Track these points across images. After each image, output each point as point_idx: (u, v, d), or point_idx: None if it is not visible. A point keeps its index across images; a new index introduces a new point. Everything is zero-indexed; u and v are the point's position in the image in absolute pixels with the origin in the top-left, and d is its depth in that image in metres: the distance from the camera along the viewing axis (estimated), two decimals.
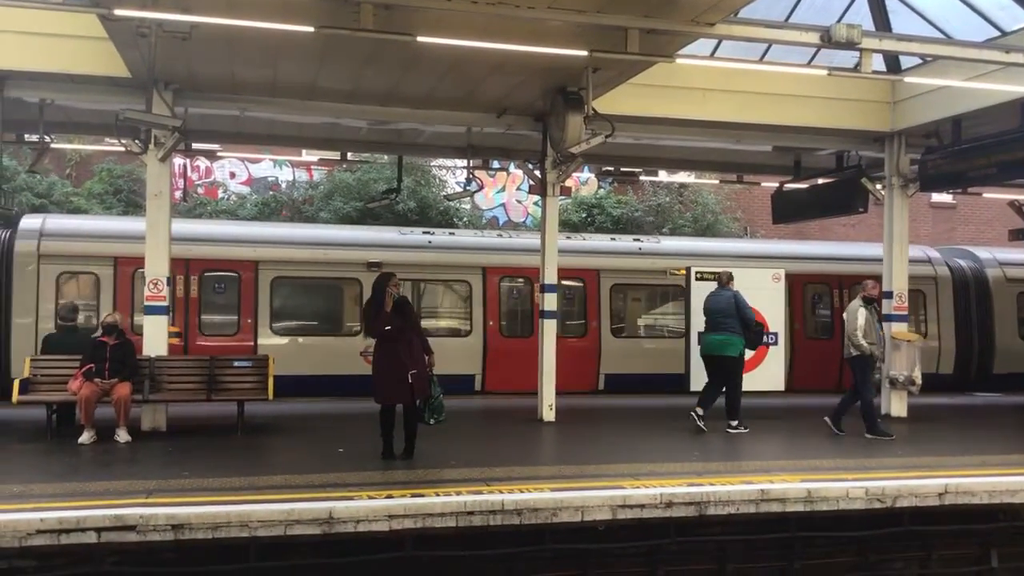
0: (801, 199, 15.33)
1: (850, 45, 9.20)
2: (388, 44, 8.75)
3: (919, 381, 12.69)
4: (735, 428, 11.31)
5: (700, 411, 11.26)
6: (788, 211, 15.65)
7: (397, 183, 16.56)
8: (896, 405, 12.90)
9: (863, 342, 10.90)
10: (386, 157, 19.15)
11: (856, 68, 9.99)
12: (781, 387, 12.77)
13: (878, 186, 13.33)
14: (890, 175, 13.02)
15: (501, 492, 7.35)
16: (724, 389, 11.41)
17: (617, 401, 14.43)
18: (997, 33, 11.04)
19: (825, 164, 14.59)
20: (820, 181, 14.90)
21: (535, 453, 10.17)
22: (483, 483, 7.67)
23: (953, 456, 9.84)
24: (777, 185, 16.01)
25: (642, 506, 7.59)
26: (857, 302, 11.16)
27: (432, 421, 8.95)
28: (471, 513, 7.04)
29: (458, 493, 7.28)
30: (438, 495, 7.20)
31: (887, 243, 13.18)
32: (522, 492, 7.39)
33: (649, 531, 7.66)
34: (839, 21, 9.39)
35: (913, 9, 11.58)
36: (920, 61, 11.75)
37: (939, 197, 24.09)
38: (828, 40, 9.12)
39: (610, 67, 9.90)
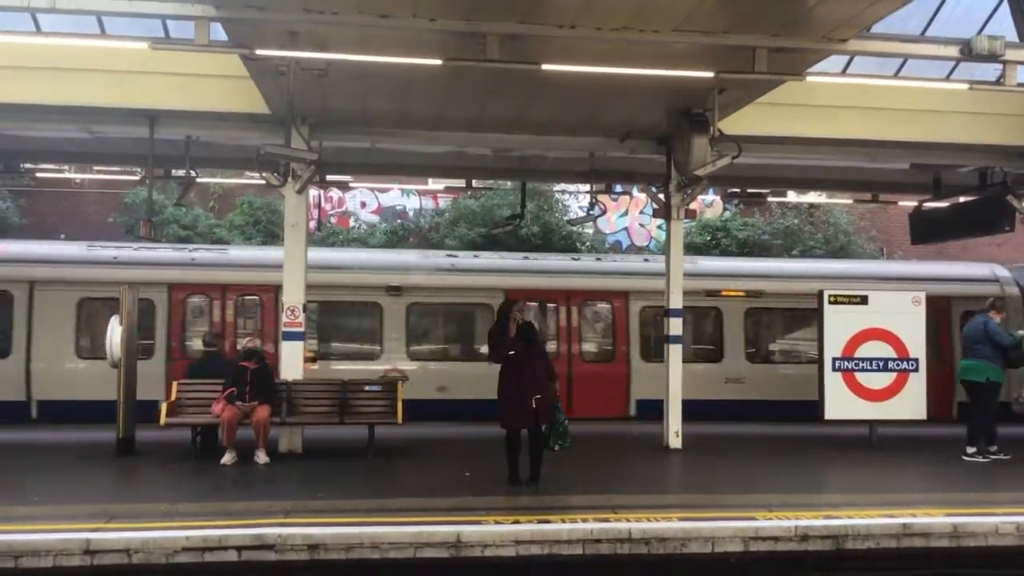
0: (941, 218, 14.64)
1: (992, 57, 8.79)
2: (513, 73, 8.88)
3: None
4: (971, 456, 11.08)
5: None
6: (927, 231, 14.96)
7: (521, 208, 16.73)
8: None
9: None
10: (510, 184, 19.39)
11: (999, 81, 9.53)
12: (923, 415, 12.11)
13: None
14: None
15: (628, 520, 7.28)
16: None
17: (745, 429, 14.04)
18: None
19: (967, 181, 13.88)
20: (962, 199, 14.21)
21: (662, 481, 10.03)
22: (610, 511, 7.61)
23: None
24: (916, 204, 15.34)
25: (776, 538, 7.37)
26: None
27: (556, 447, 8.96)
28: (598, 541, 6.99)
29: (584, 520, 7.24)
30: (564, 522, 7.19)
31: None
32: (649, 521, 7.30)
33: (783, 565, 7.41)
34: (980, 33, 8.96)
35: None
36: None
37: None
38: (969, 53, 8.74)
39: (737, 87, 9.74)
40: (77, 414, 12.99)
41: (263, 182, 11.64)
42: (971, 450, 11.17)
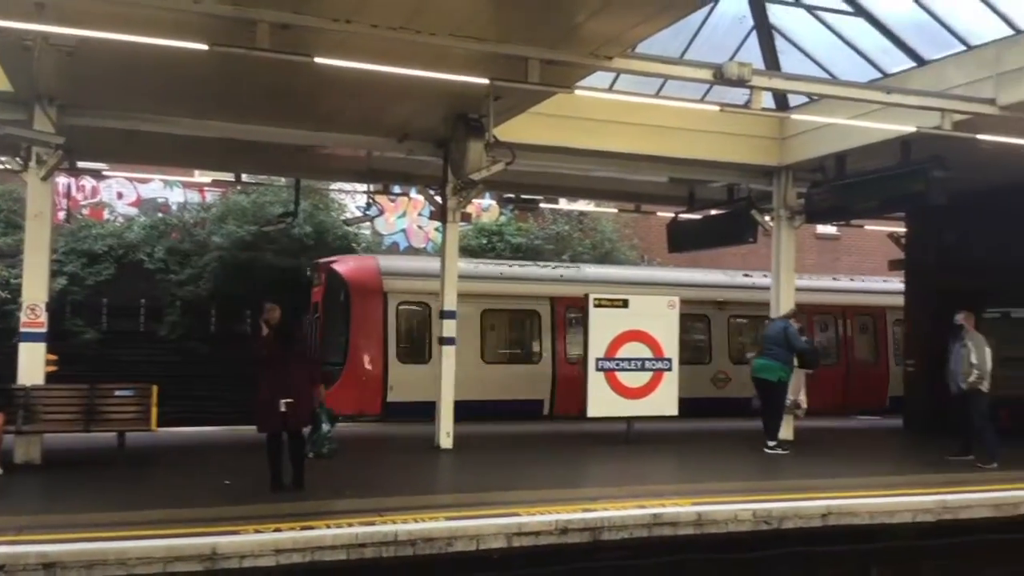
0: (695, 229, 15.73)
1: (741, 82, 9.51)
2: (285, 64, 8.59)
3: (805, 405, 13.14)
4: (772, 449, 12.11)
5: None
6: (683, 240, 16.04)
7: (294, 206, 16.25)
8: (784, 428, 13.26)
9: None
10: (283, 180, 18.79)
11: (747, 105, 10.38)
12: (675, 412, 12.99)
13: (767, 218, 13.78)
14: (778, 207, 13.50)
15: (395, 523, 7.21)
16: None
17: (517, 428, 14.43)
18: (879, 75, 11.61)
19: (718, 196, 15.03)
20: (713, 212, 15.34)
21: (431, 482, 10.04)
22: (376, 514, 7.51)
23: (837, 478, 10.16)
24: (673, 215, 16.40)
25: (537, 533, 7.57)
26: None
27: (312, 454, 8.68)
28: (363, 545, 6.87)
29: (350, 525, 7.10)
30: (328, 527, 7.01)
31: (775, 272, 13.64)
32: (416, 522, 7.28)
33: (545, 558, 7.64)
34: (731, 59, 9.70)
35: (801, 50, 12.10)
36: (807, 99, 12.26)
37: (823, 228, 25.11)
38: (721, 77, 9.41)
39: (511, 96, 9.94)
40: None
41: (1, 167, 10.58)
42: (771, 443, 12.27)
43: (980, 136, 10.24)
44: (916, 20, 10.67)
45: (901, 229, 17.56)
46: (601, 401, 12.49)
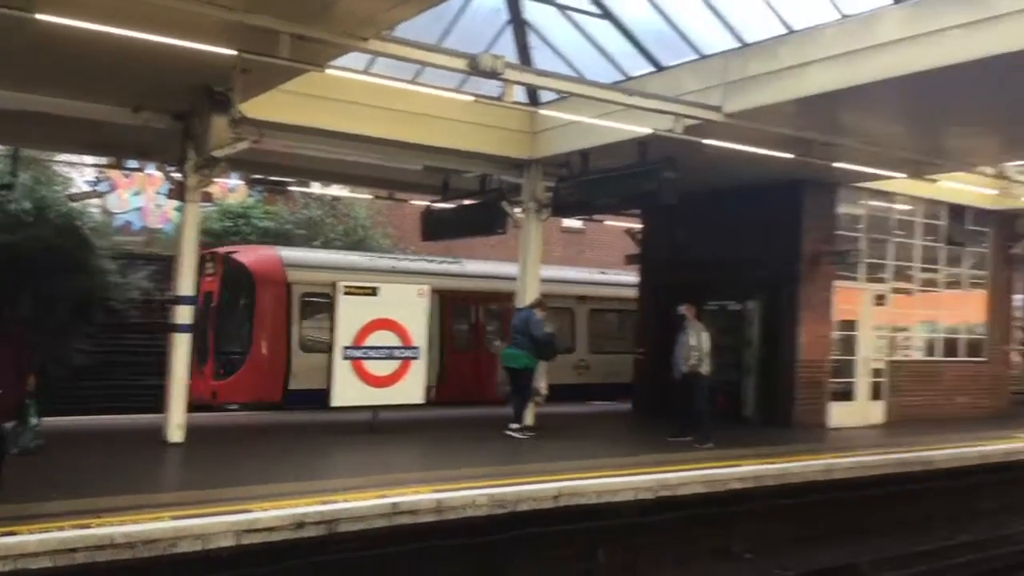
0: (448, 218, 15.86)
1: (494, 75, 9.66)
2: (2, 20, 7.66)
3: (544, 392, 13.68)
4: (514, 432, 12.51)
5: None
6: (436, 229, 16.12)
7: (11, 178, 14.62)
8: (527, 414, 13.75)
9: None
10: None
11: (500, 97, 10.56)
12: (421, 400, 13.07)
13: (517, 210, 14.15)
14: (527, 200, 13.89)
15: (112, 525, 6.65)
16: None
17: (257, 418, 13.91)
18: (622, 77, 12.22)
19: (471, 186, 15.22)
20: (466, 202, 15.54)
21: (158, 478, 9.37)
22: (93, 515, 6.88)
23: (571, 460, 10.65)
24: (427, 204, 16.45)
25: (271, 528, 7.29)
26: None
27: (17, 451, 7.74)
28: (73, 550, 6.28)
29: (60, 528, 6.46)
30: (33, 532, 6.34)
31: (522, 263, 14.05)
32: (137, 523, 6.75)
33: (280, 554, 7.38)
34: (487, 51, 9.81)
35: (552, 48, 12.47)
36: (557, 96, 12.68)
37: (569, 222, 26.26)
38: (475, 67, 9.50)
39: (260, 70, 9.48)
40: None
41: None
42: (514, 426, 12.66)
43: (706, 140, 11.07)
44: (656, 27, 11.31)
45: (639, 225, 18.72)
46: (347, 390, 12.27)
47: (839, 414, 15.29)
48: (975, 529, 11.32)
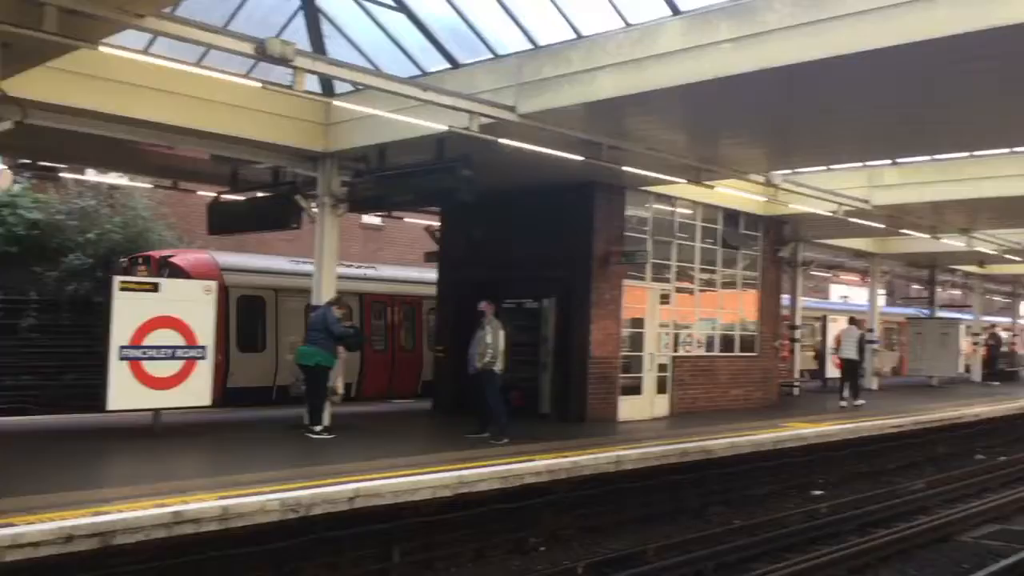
0: (238, 211, 15.20)
1: (284, 61, 9.26)
2: None
3: (341, 391, 13.40)
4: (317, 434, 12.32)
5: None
6: (225, 222, 15.41)
7: None
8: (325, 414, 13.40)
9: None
10: None
11: (290, 86, 10.17)
12: (208, 402, 12.42)
13: (312, 204, 13.74)
14: (322, 194, 13.50)
15: None
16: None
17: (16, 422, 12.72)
18: (419, 72, 12.13)
19: (263, 178, 14.63)
20: (259, 194, 14.93)
21: None
22: None
23: (370, 461, 10.46)
24: (215, 195, 15.67)
25: (36, 544, 6.65)
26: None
27: None
28: None
29: None
30: None
31: (317, 259, 13.65)
32: None
33: (47, 572, 6.73)
34: (277, 36, 9.42)
35: (347, 38, 12.19)
36: (353, 88, 12.41)
37: (368, 218, 25.95)
38: (263, 53, 9.07)
39: (23, 45, 8.62)
40: None
41: None
42: (317, 428, 12.35)
43: (502, 140, 11.18)
44: (452, 24, 11.31)
45: (438, 223, 18.72)
46: (125, 392, 11.44)
47: (628, 408, 15.95)
48: (748, 514, 12.10)
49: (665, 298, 17.09)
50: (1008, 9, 7.55)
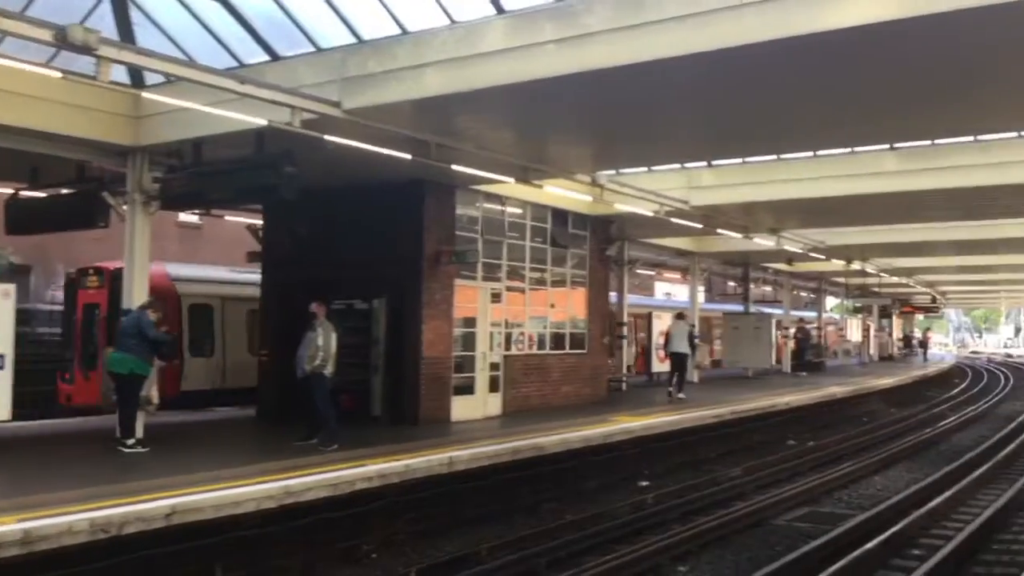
0: (39, 209, 14.04)
1: (87, 50, 8.64)
2: None
3: (156, 400, 12.66)
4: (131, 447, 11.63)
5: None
6: (23, 222, 14.19)
7: None
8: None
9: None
10: None
11: (94, 76, 9.46)
12: (6, 416, 11.41)
13: (121, 201, 12.87)
14: (132, 191, 12.65)
15: None
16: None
17: None
18: (236, 64, 11.59)
19: (67, 174, 13.57)
20: (63, 191, 13.86)
21: None
22: None
23: (190, 474, 9.91)
24: (12, 192, 14.42)
25: None
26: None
27: None
28: None
29: None
30: None
31: (128, 260, 12.82)
32: None
33: None
34: (81, 23, 8.73)
35: (158, 26, 11.49)
36: (164, 79, 11.70)
37: (186, 217, 24.76)
38: (63, 40, 8.42)
39: None
40: None
41: None
42: (130, 442, 11.60)
43: (327, 136, 10.86)
44: (271, 14, 10.87)
45: (261, 221, 18.04)
46: None
47: (461, 408, 15.92)
48: (579, 508, 12.30)
49: (496, 297, 17.17)
50: (809, 20, 8.01)
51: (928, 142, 15.16)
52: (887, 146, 15.46)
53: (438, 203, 15.65)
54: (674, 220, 18.64)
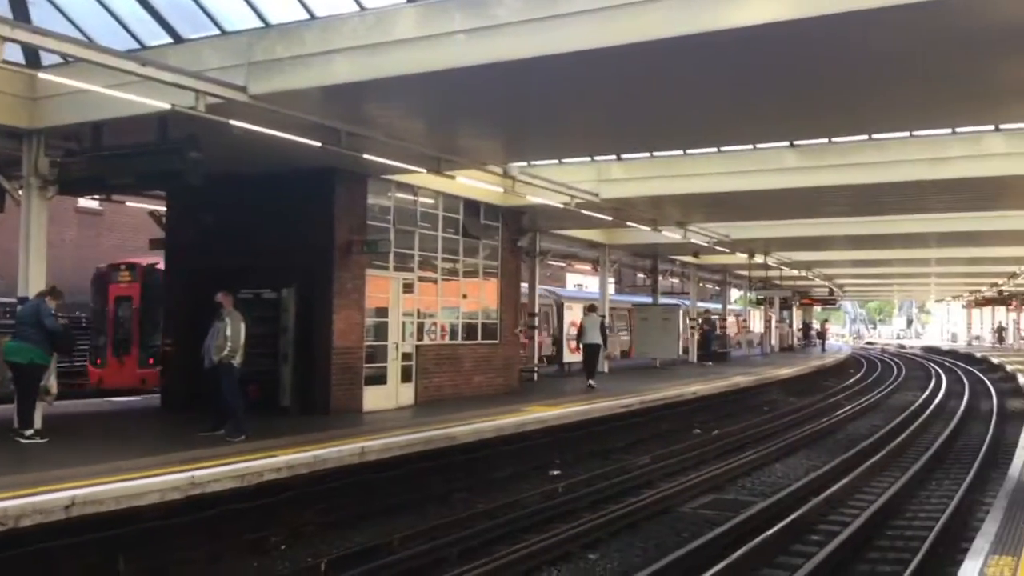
0: None
1: None
2: None
3: (55, 391, 12.25)
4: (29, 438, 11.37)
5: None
6: None
7: None
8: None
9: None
10: None
11: None
12: None
13: (16, 186, 12.38)
14: (28, 175, 12.18)
15: None
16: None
17: None
18: (138, 46, 11.26)
19: None
20: None
21: None
22: None
23: (91, 465, 9.63)
24: None
25: None
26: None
27: None
28: None
29: None
30: None
31: (24, 247, 12.32)
32: None
33: None
34: None
35: (55, 5, 11.09)
36: (62, 60, 11.29)
37: (85, 202, 23.90)
38: None
39: None
40: None
41: None
42: (28, 433, 11.34)
43: (233, 122, 10.65)
44: None
45: (164, 207, 17.59)
46: None
47: (373, 398, 15.84)
48: (491, 498, 12.38)
49: (409, 287, 17.14)
50: (713, 18, 8.24)
51: (826, 140, 15.73)
52: (788, 143, 15.98)
53: (349, 192, 15.52)
54: (585, 212, 18.90)
